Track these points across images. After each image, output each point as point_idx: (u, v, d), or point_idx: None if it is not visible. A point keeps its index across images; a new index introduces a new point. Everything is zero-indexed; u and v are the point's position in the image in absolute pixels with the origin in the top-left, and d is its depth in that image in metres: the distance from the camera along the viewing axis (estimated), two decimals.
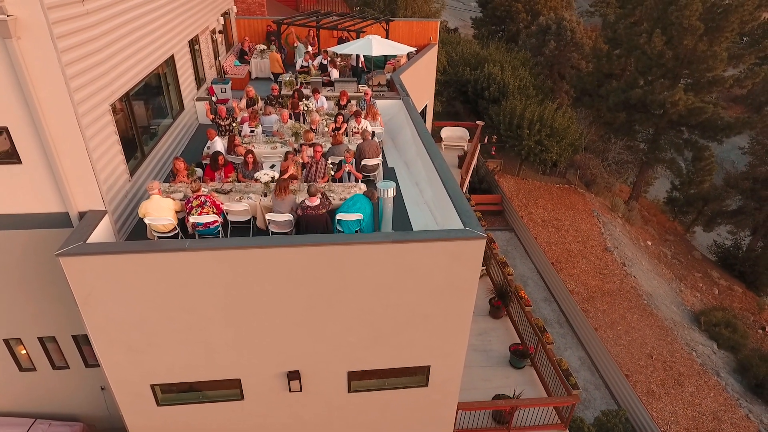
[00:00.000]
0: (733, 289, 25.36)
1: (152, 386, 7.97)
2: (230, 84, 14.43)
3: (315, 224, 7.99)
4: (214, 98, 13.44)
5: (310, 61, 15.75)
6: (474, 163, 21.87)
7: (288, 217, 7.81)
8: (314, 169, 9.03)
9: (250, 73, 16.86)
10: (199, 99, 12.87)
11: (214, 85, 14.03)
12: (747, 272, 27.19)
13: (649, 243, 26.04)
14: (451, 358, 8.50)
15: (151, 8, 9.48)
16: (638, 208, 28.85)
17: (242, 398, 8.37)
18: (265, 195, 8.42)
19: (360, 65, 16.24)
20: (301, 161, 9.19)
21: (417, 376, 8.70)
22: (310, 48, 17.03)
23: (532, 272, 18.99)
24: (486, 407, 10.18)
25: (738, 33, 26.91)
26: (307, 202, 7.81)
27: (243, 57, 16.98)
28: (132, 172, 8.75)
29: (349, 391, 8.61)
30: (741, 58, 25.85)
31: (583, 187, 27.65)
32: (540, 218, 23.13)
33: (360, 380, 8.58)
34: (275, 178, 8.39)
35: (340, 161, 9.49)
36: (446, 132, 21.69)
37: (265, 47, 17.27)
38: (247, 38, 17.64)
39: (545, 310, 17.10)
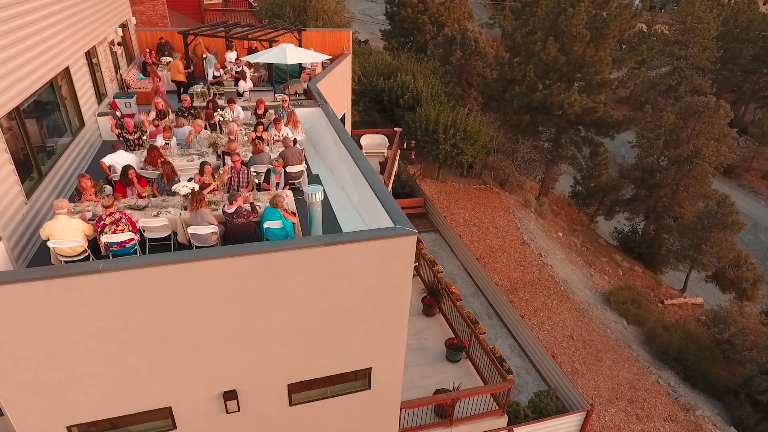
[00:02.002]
0: (635, 270, 27.95)
1: (68, 428, 7.18)
2: (135, 98, 13.58)
3: (242, 235, 7.71)
4: (118, 113, 12.57)
5: (221, 70, 15.26)
6: (395, 168, 22.29)
7: (212, 228, 7.46)
8: (236, 179, 8.72)
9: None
10: (101, 114, 11.98)
11: (116, 100, 13.13)
12: (644, 253, 30.15)
13: (560, 234, 28.00)
14: (392, 357, 8.53)
15: (37, 17, 8.70)
16: (548, 203, 30.97)
17: (174, 427, 7.79)
18: (185, 208, 7.98)
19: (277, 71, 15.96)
20: (226, 173, 8.83)
21: (359, 380, 8.62)
22: (234, 54, 16.56)
23: (459, 269, 19.66)
24: (428, 403, 10.32)
25: (618, 40, 30.04)
26: (225, 209, 7.54)
27: (146, 70, 16.06)
28: (28, 194, 7.92)
29: (291, 404, 8.34)
30: (623, 62, 28.82)
31: (497, 186, 29.17)
32: (461, 218, 24.05)
33: (301, 391, 8.35)
34: (195, 190, 7.98)
35: (268, 170, 9.25)
36: (366, 140, 21.94)
37: (171, 59, 16.50)
38: (148, 50, 16.74)
39: (474, 304, 17.72)
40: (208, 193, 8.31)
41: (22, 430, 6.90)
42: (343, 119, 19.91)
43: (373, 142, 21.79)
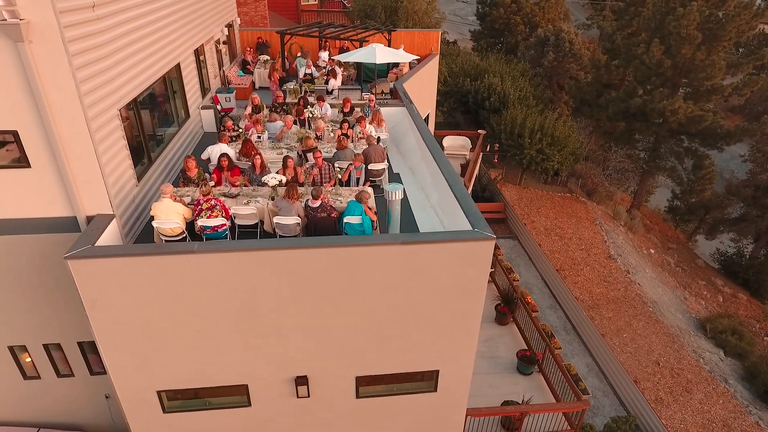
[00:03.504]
0: (738, 297, 25.24)
1: (159, 393, 7.88)
2: (234, 93, 14.52)
3: (323, 227, 7.99)
4: (218, 107, 13.52)
5: (312, 68, 15.88)
6: (476, 171, 21.92)
7: (296, 219, 7.81)
8: (319, 174, 9.05)
9: (253, 82, 16.99)
10: (204, 107, 12.95)
11: (218, 95, 14.12)
12: (751, 280, 27.07)
13: (652, 251, 25.99)
14: (460, 361, 8.42)
15: (158, 16, 9.60)
16: (640, 217, 28.84)
17: (249, 405, 8.27)
18: (273, 199, 8.43)
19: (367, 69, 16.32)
20: (310, 168, 9.19)
21: (425, 381, 8.61)
22: (327, 54, 17.28)
23: (537, 279, 18.92)
24: (495, 413, 10.05)
25: (735, 43, 27.18)
26: (309, 203, 7.84)
27: (246, 67, 17.12)
28: (139, 178, 8.76)
29: (357, 396, 8.52)
30: (739, 67, 26.07)
31: (584, 195, 27.68)
32: (543, 226, 23.11)
33: (368, 385, 8.50)
34: (282, 182, 8.40)
35: (349, 165, 9.53)
36: (448, 141, 21.79)
37: (268, 57, 17.45)
38: (248, 49, 17.83)
39: (551, 317, 16.97)
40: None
41: (120, 389, 7.69)
42: (426, 119, 19.92)
43: (456, 143, 21.60)
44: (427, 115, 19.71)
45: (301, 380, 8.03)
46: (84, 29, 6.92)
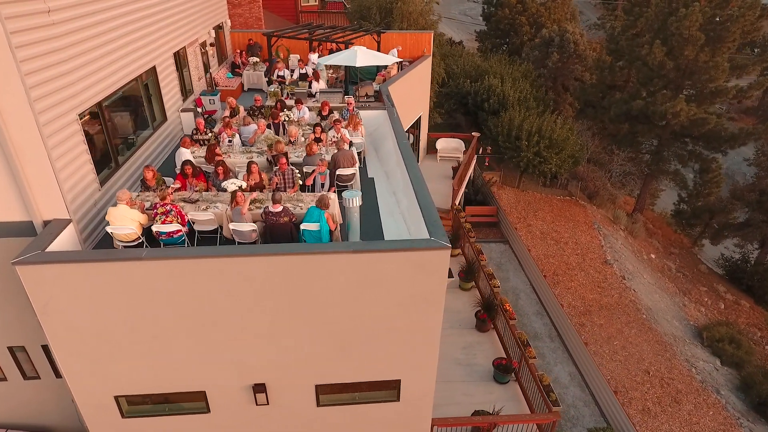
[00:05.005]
0: (740, 304, 24.64)
1: (116, 398, 7.88)
2: (219, 95, 14.52)
3: (280, 234, 7.91)
4: (200, 110, 13.52)
5: (285, 70, 15.79)
6: (470, 174, 21.69)
7: (252, 226, 7.74)
8: (282, 179, 8.98)
9: (242, 84, 16.99)
10: (184, 110, 12.94)
11: (202, 97, 14.13)
12: (755, 286, 26.44)
13: (653, 256, 25.50)
14: (422, 371, 8.29)
15: (126, 21, 9.57)
16: (643, 221, 28.32)
17: (208, 411, 8.23)
18: None
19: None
20: (275, 182, 9.12)
21: (388, 390, 8.49)
22: (317, 55, 17.22)
23: (525, 285, 18.65)
24: (463, 423, 9.89)
25: (743, 43, 26.53)
26: (270, 208, 7.77)
27: (235, 69, 17.13)
28: (103, 182, 8.76)
29: (318, 404, 8.44)
30: (745, 69, 25.44)
31: (585, 199, 27.25)
32: (539, 230, 22.78)
33: (329, 394, 8.41)
34: (242, 187, 8.34)
35: (313, 170, 9.44)
36: (441, 143, 21.62)
37: (258, 60, 17.44)
38: (239, 51, 17.83)
39: (537, 324, 16.71)
40: (253, 191, 8.63)
41: (77, 393, 7.70)
42: (418, 121, 19.79)
43: (449, 146, 21.42)
44: (419, 117, 19.58)
45: (259, 388, 7.97)
46: (36, 35, 6.91)
